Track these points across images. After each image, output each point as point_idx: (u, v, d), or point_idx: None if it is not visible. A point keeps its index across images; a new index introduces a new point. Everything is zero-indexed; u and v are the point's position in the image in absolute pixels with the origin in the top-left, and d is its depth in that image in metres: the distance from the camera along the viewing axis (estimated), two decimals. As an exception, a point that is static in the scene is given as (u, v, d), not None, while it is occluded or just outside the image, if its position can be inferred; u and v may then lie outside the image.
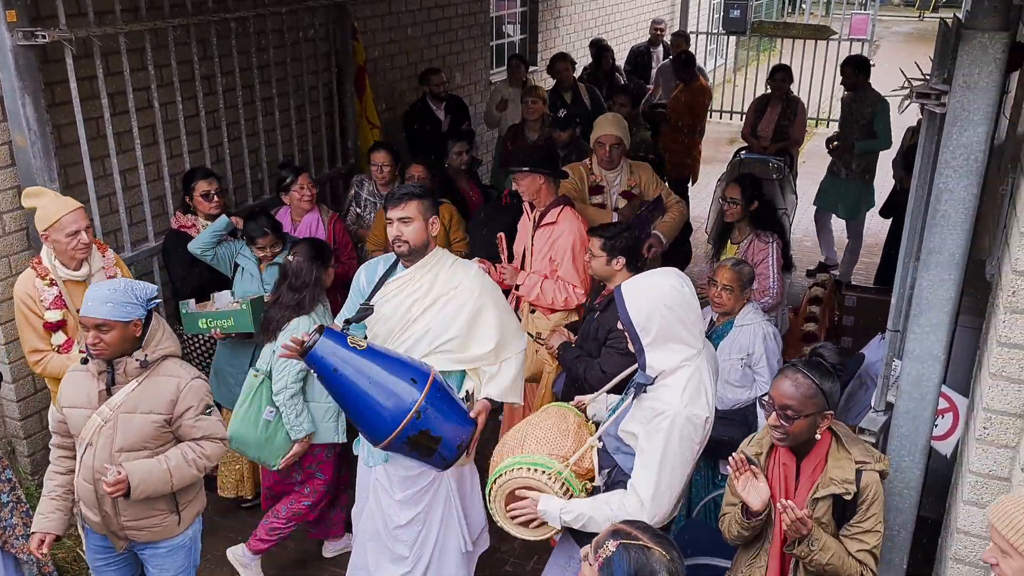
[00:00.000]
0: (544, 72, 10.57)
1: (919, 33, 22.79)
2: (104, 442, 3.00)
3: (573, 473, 2.88)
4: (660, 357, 2.74)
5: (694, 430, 2.72)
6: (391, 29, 7.41)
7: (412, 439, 3.11)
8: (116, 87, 4.55)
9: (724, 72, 15.52)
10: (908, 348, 2.78)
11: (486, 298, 3.43)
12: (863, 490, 2.62)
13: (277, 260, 4.39)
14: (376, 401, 3.07)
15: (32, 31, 3.85)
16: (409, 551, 3.64)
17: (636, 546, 2.00)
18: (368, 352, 3.14)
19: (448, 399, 3.23)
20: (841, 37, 12.38)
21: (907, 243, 2.91)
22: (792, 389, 2.62)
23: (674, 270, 2.87)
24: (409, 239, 3.33)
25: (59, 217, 3.59)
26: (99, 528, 3.17)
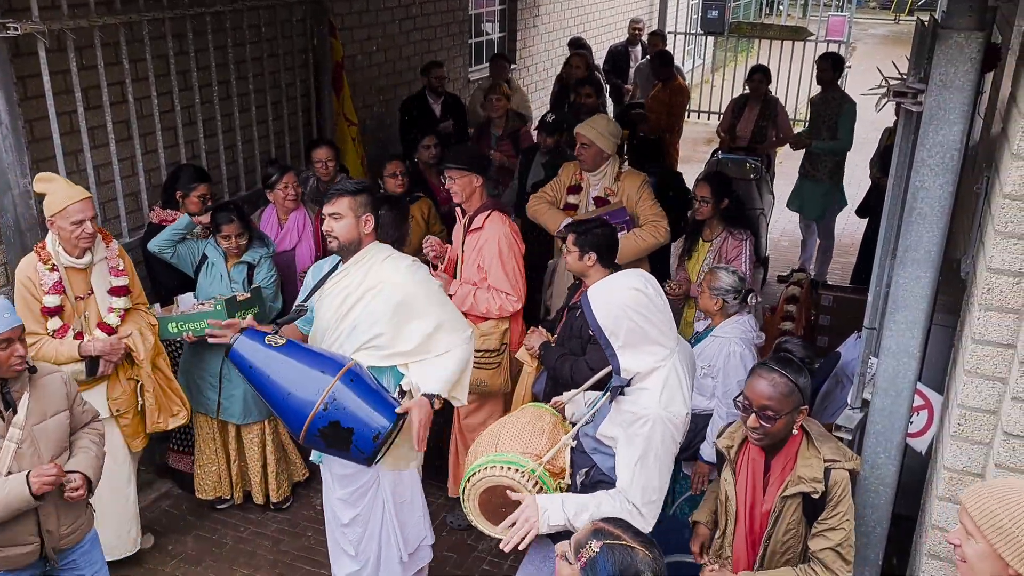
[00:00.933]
0: (522, 71, 10.59)
1: (895, 35, 23.03)
2: (30, 464, 2.90)
3: (547, 472, 2.88)
4: (633, 359, 2.75)
5: (675, 430, 2.73)
6: (369, 26, 7.37)
7: (323, 431, 3.08)
8: (90, 81, 4.49)
9: (702, 72, 15.60)
10: (884, 345, 2.80)
11: (415, 290, 3.30)
12: (831, 488, 2.64)
13: (245, 258, 4.37)
14: (288, 394, 3.10)
15: (4, 23, 3.78)
16: (355, 550, 3.66)
17: (620, 546, 2.00)
18: (285, 348, 3.18)
19: (365, 391, 3.13)
20: (818, 39, 12.48)
21: (883, 241, 2.93)
22: (770, 389, 2.62)
23: (638, 271, 2.88)
24: (338, 235, 3.32)
25: (65, 205, 3.60)
26: (24, 560, 3.00)
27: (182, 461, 4.84)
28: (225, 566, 4.35)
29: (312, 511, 4.76)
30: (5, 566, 2.98)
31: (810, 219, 7.59)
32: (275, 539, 4.57)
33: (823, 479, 2.63)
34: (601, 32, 12.61)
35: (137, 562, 4.34)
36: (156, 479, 4.98)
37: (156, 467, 5.03)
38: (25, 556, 2.99)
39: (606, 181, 4.95)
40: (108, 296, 3.88)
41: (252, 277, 4.42)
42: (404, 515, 3.62)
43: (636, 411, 2.72)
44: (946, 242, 2.69)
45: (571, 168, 5.14)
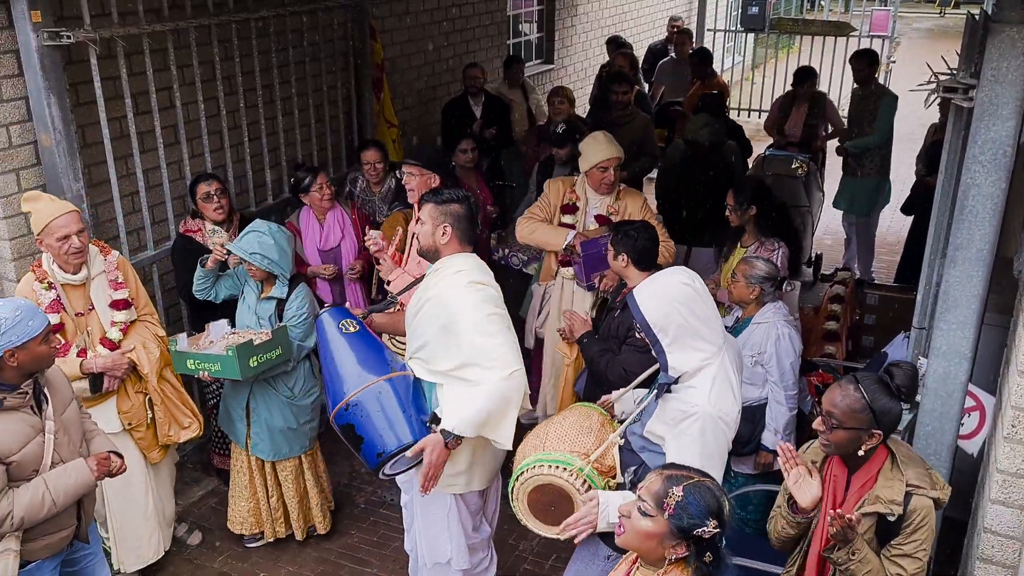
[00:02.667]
0: (559, 71, 10.58)
1: (940, 30, 22.60)
2: (67, 452, 3.02)
3: (595, 470, 2.88)
4: (681, 357, 2.73)
5: (726, 427, 2.71)
6: (409, 28, 7.43)
7: (341, 428, 3.19)
8: (139, 87, 4.58)
9: (742, 70, 15.45)
10: (934, 345, 2.76)
11: (458, 317, 3.15)
12: (910, 514, 2.54)
13: (274, 293, 4.09)
14: (331, 380, 3.26)
15: (57, 32, 3.88)
16: (410, 526, 3.77)
17: (697, 483, 2.16)
18: (351, 336, 3.30)
19: (393, 406, 3.12)
20: (861, 34, 12.28)
21: (933, 240, 2.89)
22: (837, 398, 2.58)
23: (682, 268, 2.86)
24: (420, 239, 3.41)
25: (48, 222, 3.57)
26: (61, 545, 3.11)
27: (225, 461, 4.91)
28: (270, 563, 4.42)
29: (349, 535, 4.81)
30: (48, 552, 3.08)
31: (860, 216, 7.45)
32: (320, 535, 4.62)
33: (902, 503, 2.54)
34: (639, 31, 12.55)
35: (186, 559, 4.43)
36: (203, 476, 5.07)
37: (203, 464, 5.13)
38: (65, 539, 3.12)
39: (609, 199, 4.76)
40: (109, 310, 3.83)
41: (283, 313, 4.09)
42: (430, 529, 3.55)
43: (684, 409, 2.70)
44: (998, 240, 2.64)
45: (560, 186, 4.85)
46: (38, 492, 2.89)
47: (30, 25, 3.81)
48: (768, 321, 3.95)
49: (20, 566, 3.00)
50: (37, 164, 4.19)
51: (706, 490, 2.15)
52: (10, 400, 2.88)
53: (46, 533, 3.03)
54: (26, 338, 2.83)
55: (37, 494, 2.88)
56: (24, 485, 2.89)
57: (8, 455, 2.85)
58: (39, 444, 2.93)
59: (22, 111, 4.11)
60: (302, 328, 4.07)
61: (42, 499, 2.89)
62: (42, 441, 2.94)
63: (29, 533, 2.95)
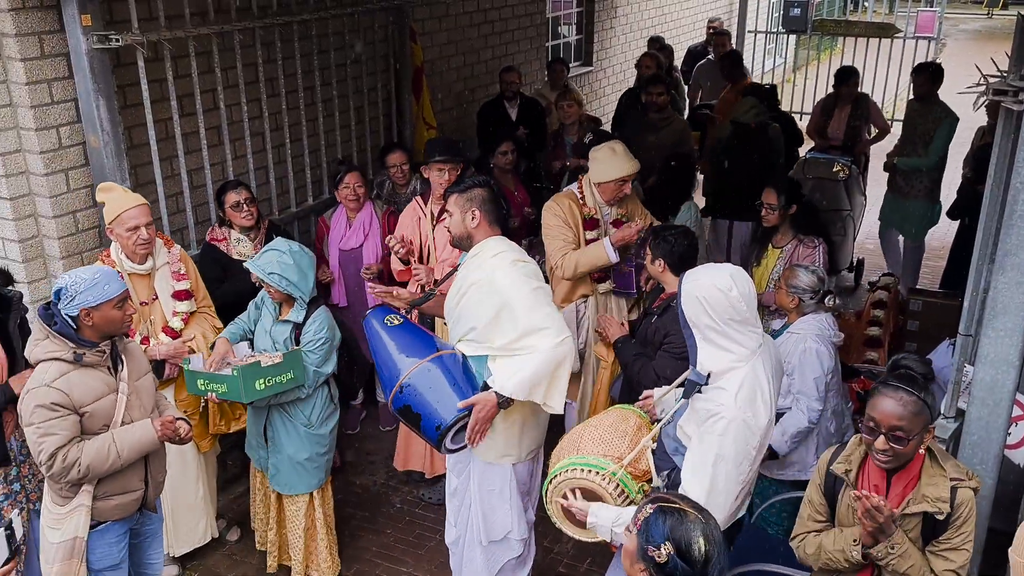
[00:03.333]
0: (598, 74, 10.56)
1: (988, 31, 22.15)
2: (138, 413, 3.21)
3: (628, 474, 2.86)
4: (709, 355, 2.72)
5: (751, 434, 2.67)
6: (448, 30, 7.46)
7: (400, 411, 3.39)
8: (184, 89, 4.67)
9: (783, 71, 15.28)
10: (981, 353, 2.70)
11: (515, 292, 3.30)
12: (957, 508, 2.51)
13: (290, 317, 3.90)
14: (382, 370, 3.49)
15: (106, 35, 3.96)
16: (454, 519, 3.84)
17: (672, 509, 2.07)
18: (397, 328, 3.53)
19: (444, 382, 3.33)
20: (906, 35, 12.07)
21: (981, 245, 2.83)
22: (900, 409, 2.49)
23: (729, 267, 2.81)
24: (451, 229, 3.54)
25: (119, 212, 3.75)
26: (131, 508, 3.29)
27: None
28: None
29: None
30: (119, 513, 3.26)
31: (913, 240, 7.10)
32: (355, 534, 4.66)
33: (949, 499, 2.51)
34: (679, 32, 12.48)
35: (225, 555, 4.50)
36: (243, 474, 5.13)
37: (243, 462, 5.19)
38: (134, 502, 3.29)
39: (615, 206, 4.66)
40: (172, 300, 3.99)
41: (300, 337, 3.90)
42: (489, 504, 3.68)
43: (711, 408, 2.68)
44: (1049, 246, 2.58)
45: (569, 204, 4.58)
46: (104, 443, 3.08)
47: (80, 29, 3.90)
48: (799, 333, 3.87)
49: (93, 526, 3.18)
50: (85, 165, 4.29)
51: (679, 517, 2.04)
52: (89, 356, 3.08)
53: (116, 493, 3.21)
54: (101, 300, 3.02)
55: (104, 445, 3.07)
56: (94, 440, 3.09)
57: (82, 405, 3.06)
58: (112, 402, 3.13)
59: (71, 113, 4.20)
60: (319, 354, 3.86)
61: (108, 450, 3.07)
62: (115, 399, 3.14)
63: (100, 490, 3.15)
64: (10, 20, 3.89)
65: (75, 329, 3.05)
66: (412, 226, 4.72)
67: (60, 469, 3.01)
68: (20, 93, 4.03)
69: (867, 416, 2.58)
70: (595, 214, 4.60)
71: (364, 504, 4.90)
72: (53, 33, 4.06)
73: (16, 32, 3.92)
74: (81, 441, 3.06)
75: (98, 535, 3.22)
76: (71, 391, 3.02)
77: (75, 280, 3.03)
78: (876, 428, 2.54)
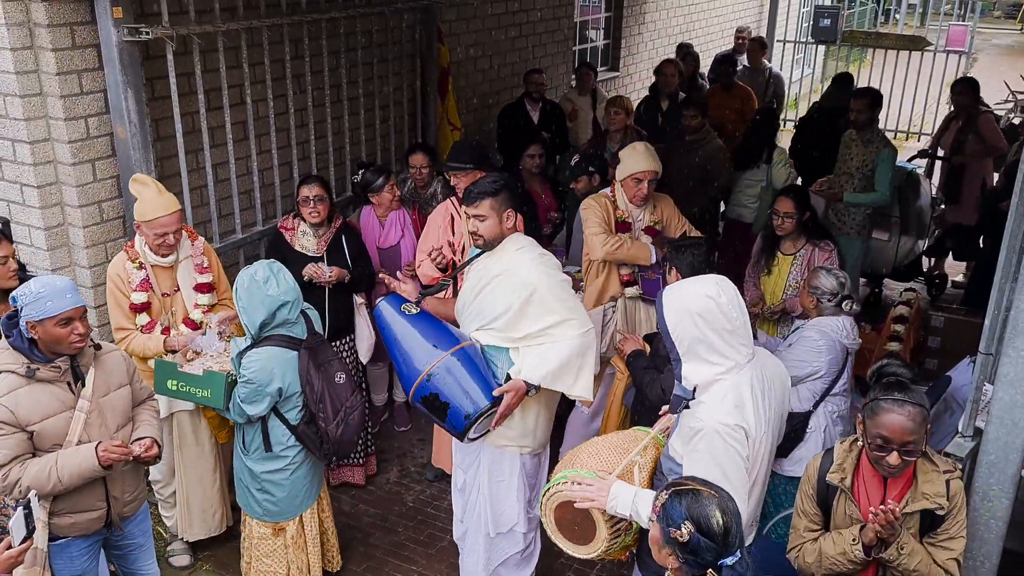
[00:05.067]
0: (624, 79, 10.54)
1: (1020, 46, 21.89)
2: (98, 433, 3.08)
3: None
4: (694, 368, 2.71)
5: (734, 441, 2.62)
6: (475, 32, 7.48)
7: (424, 400, 3.41)
8: (212, 84, 4.71)
9: (811, 82, 15.18)
10: (1002, 372, 2.67)
11: (536, 286, 3.42)
12: (952, 498, 2.59)
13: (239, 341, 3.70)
14: (403, 360, 3.49)
15: (137, 28, 4.01)
16: (461, 514, 3.88)
17: (686, 490, 2.19)
18: (414, 317, 3.53)
19: (470, 371, 3.38)
20: (937, 48, 11.96)
21: (1004, 263, 2.79)
22: (911, 424, 2.52)
23: (715, 277, 2.80)
24: (484, 234, 3.55)
25: (153, 218, 3.78)
26: (91, 526, 3.19)
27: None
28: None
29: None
30: (76, 532, 3.17)
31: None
32: (367, 532, 4.67)
33: (945, 493, 2.58)
34: (708, 39, 12.43)
35: (238, 548, 4.51)
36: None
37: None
38: (94, 521, 3.20)
39: (648, 210, 4.70)
40: (193, 293, 4.02)
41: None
42: (497, 494, 3.72)
43: (693, 425, 2.68)
44: (1074, 266, 2.55)
45: (605, 203, 4.65)
46: (46, 467, 2.96)
47: (111, 21, 3.95)
48: (813, 326, 3.94)
49: (52, 539, 3.11)
50: (112, 156, 4.34)
51: (694, 496, 2.16)
52: (43, 372, 2.97)
53: (72, 511, 3.12)
54: (42, 316, 2.89)
55: (45, 468, 2.96)
56: (38, 460, 2.98)
57: (29, 423, 2.95)
58: (66, 419, 3.01)
59: (100, 104, 4.26)
60: (243, 391, 3.55)
61: (48, 474, 2.95)
62: (69, 417, 3.02)
63: (56, 507, 3.05)
64: (43, 10, 3.95)
65: (33, 342, 2.95)
66: (444, 226, 4.69)
67: (0, 487, 2.93)
68: (50, 83, 4.08)
69: (873, 434, 2.57)
70: (627, 217, 4.67)
71: (376, 502, 4.91)
72: (84, 24, 4.11)
73: (48, 23, 3.98)
74: (29, 458, 2.97)
75: (58, 548, 3.15)
76: (17, 408, 2.91)
77: (23, 292, 2.92)
78: (887, 445, 2.54)
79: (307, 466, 3.79)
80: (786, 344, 4.03)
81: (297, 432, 3.66)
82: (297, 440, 3.67)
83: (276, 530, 3.82)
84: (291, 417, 3.64)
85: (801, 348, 3.89)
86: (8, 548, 2.63)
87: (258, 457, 3.70)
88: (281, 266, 3.66)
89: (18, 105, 4.07)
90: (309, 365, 3.59)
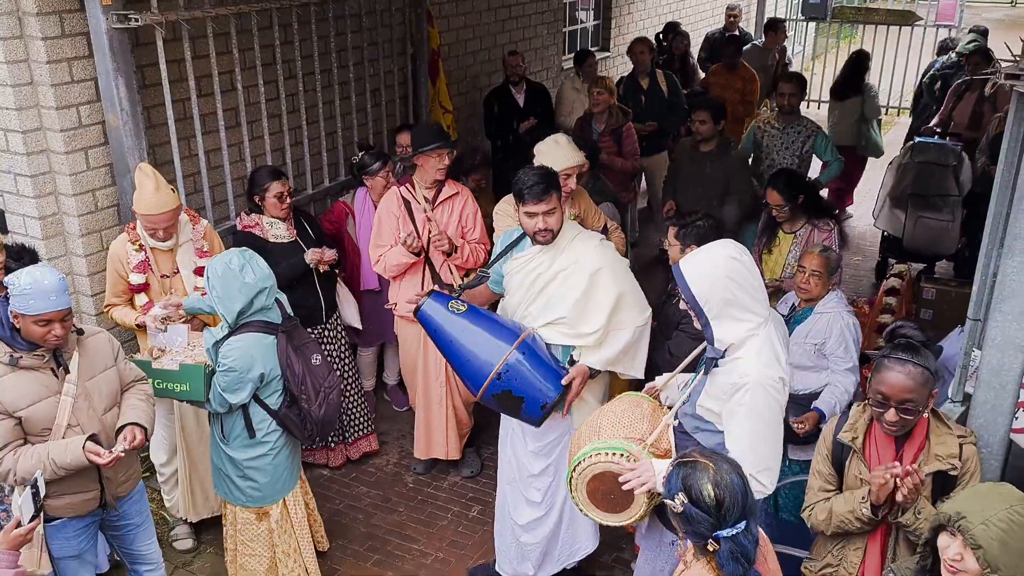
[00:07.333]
0: (616, 59, 10.52)
1: (1011, 20, 21.84)
2: (87, 417, 3.13)
3: (652, 454, 2.87)
4: (727, 329, 2.74)
5: (776, 393, 2.70)
6: (465, 14, 7.47)
7: (497, 397, 3.39)
8: (202, 70, 4.71)
9: (802, 60, 15.15)
10: (989, 336, 2.71)
11: (604, 274, 3.49)
12: (965, 462, 2.64)
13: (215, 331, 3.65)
14: (466, 360, 3.43)
15: (126, 14, 4.00)
16: (541, 497, 3.83)
17: (686, 462, 2.25)
18: (466, 315, 3.49)
19: (536, 362, 3.39)
20: (927, 23, 11.97)
21: (991, 230, 2.83)
22: (910, 382, 2.57)
23: (730, 241, 2.86)
24: (554, 228, 3.53)
25: (146, 213, 3.84)
26: (86, 507, 3.24)
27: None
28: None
29: (403, 487, 4.88)
30: (71, 512, 3.22)
31: None
32: (369, 512, 4.72)
33: (959, 455, 2.63)
34: (697, 19, 12.40)
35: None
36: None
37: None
38: (88, 502, 3.24)
39: (568, 202, 4.44)
40: (193, 276, 4.05)
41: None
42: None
43: (734, 381, 2.71)
44: (1059, 230, 2.59)
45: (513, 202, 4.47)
46: (39, 460, 3.01)
47: (100, 8, 3.95)
48: (831, 311, 3.96)
49: (48, 520, 3.15)
50: (105, 144, 4.35)
51: (691, 468, 2.21)
52: (26, 360, 3.02)
53: (66, 493, 3.17)
54: (24, 312, 2.94)
55: (38, 461, 3.00)
56: (30, 450, 3.03)
57: (16, 410, 3.00)
58: (52, 405, 3.06)
59: (91, 92, 4.26)
60: (225, 379, 3.52)
61: (42, 468, 2.99)
62: (56, 402, 3.07)
63: (50, 489, 3.07)
64: (32, -1, 3.95)
65: (16, 330, 2.99)
66: (402, 216, 4.60)
67: None
68: (41, 72, 4.09)
69: (874, 390, 2.64)
70: None
71: (377, 484, 4.96)
72: (73, 12, 4.11)
73: (37, 11, 3.98)
74: (21, 446, 3.03)
75: (54, 529, 3.20)
76: (3, 395, 2.97)
77: (14, 280, 2.96)
78: (885, 401, 2.61)
79: (288, 449, 3.80)
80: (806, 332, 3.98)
81: (279, 416, 3.66)
82: (279, 424, 3.68)
83: (260, 515, 3.83)
84: (271, 402, 3.64)
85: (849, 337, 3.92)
86: (17, 527, 2.67)
87: (240, 445, 3.68)
88: (253, 253, 3.64)
89: (9, 94, 4.07)
90: (288, 348, 3.60)
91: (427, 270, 4.64)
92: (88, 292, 4.47)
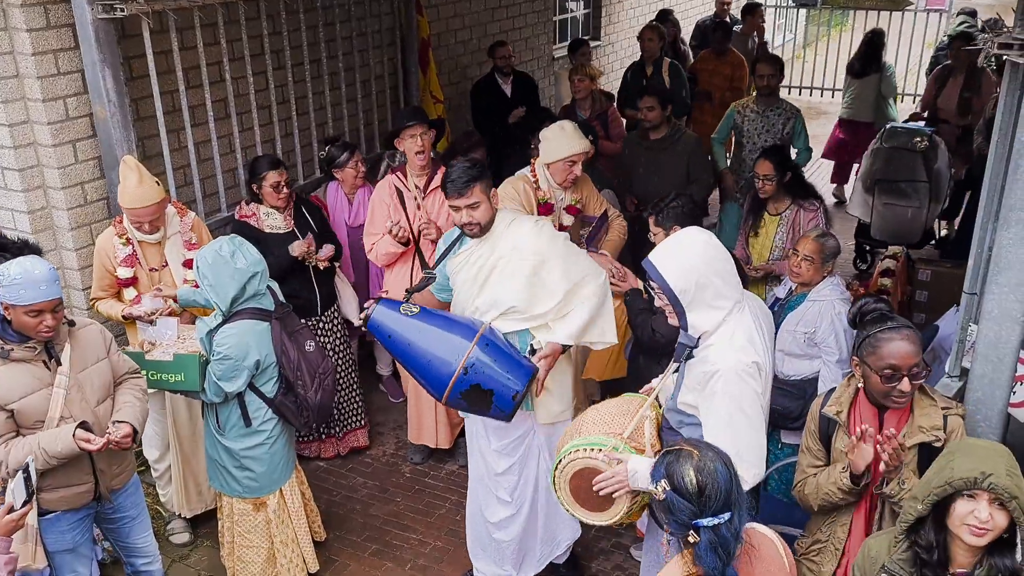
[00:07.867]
0: (607, 48, 10.49)
1: (1002, 5, 21.87)
2: (79, 409, 3.10)
3: (632, 449, 2.84)
4: (701, 316, 2.73)
5: (750, 378, 2.67)
6: (455, 3, 7.43)
7: (465, 394, 3.27)
8: (190, 62, 4.67)
9: (793, 47, 15.14)
10: (986, 309, 2.70)
11: (546, 253, 3.41)
12: (950, 435, 2.62)
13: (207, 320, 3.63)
14: (428, 362, 3.29)
15: (111, 5, 3.95)
16: (510, 496, 3.77)
17: (671, 451, 2.22)
18: (420, 316, 3.35)
19: (500, 353, 3.29)
20: (918, 8, 11.96)
21: (986, 203, 2.82)
22: (914, 347, 2.61)
23: (696, 228, 2.89)
24: (480, 220, 3.43)
25: (129, 206, 3.81)
26: (80, 500, 3.21)
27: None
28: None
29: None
30: (65, 505, 3.20)
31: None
32: (366, 503, 4.70)
33: (943, 426, 2.62)
34: (688, 6, 12.37)
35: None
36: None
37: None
38: (82, 495, 3.22)
39: (569, 190, 4.56)
40: (182, 268, 4.02)
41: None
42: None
43: (706, 369, 2.70)
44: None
45: (521, 187, 4.45)
46: (31, 452, 2.98)
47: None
48: (825, 299, 3.92)
49: (42, 514, 3.13)
50: (93, 136, 4.31)
51: (675, 456, 2.18)
52: (17, 352, 3.00)
53: (60, 486, 3.14)
54: (14, 303, 2.91)
55: (30, 452, 2.98)
56: (21, 442, 3.00)
57: (9, 402, 2.99)
58: (44, 397, 3.04)
59: (78, 84, 4.22)
60: (220, 368, 3.51)
61: (34, 458, 2.96)
62: (48, 395, 3.05)
63: (44, 482, 3.06)
64: (16, -10, 3.91)
65: (8, 322, 2.97)
66: (394, 204, 4.56)
67: None
68: (26, 64, 4.05)
69: (881, 366, 2.61)
70: (549, 198, 4.51)
71: (375, 474, 4.94)
72: (58, 3, 4.07)
73: (21, 2, 3.94)
74: (14, 438, 3.01)
75: (49, 523, 3.18)
76: None
77: (2, 272, 2.93)
78: (896, 373, 2.60)
79: (284, 438, 3.78)
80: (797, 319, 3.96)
81: (275, 404, 3.64)
82: (275, 412, 3.65)
83: (257, 505, 3.80)
84: (267, 390, 3.62)
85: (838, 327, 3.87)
86: (9, 512, 2.64)
87: (236, 435, 3.66)
88: (242, 239, 3.62)
89: (-5, 88, 4.04)
90: (282, 335, 3.59)
91: (416, 258, 4.61)
92: (79, 286, 4.44)
